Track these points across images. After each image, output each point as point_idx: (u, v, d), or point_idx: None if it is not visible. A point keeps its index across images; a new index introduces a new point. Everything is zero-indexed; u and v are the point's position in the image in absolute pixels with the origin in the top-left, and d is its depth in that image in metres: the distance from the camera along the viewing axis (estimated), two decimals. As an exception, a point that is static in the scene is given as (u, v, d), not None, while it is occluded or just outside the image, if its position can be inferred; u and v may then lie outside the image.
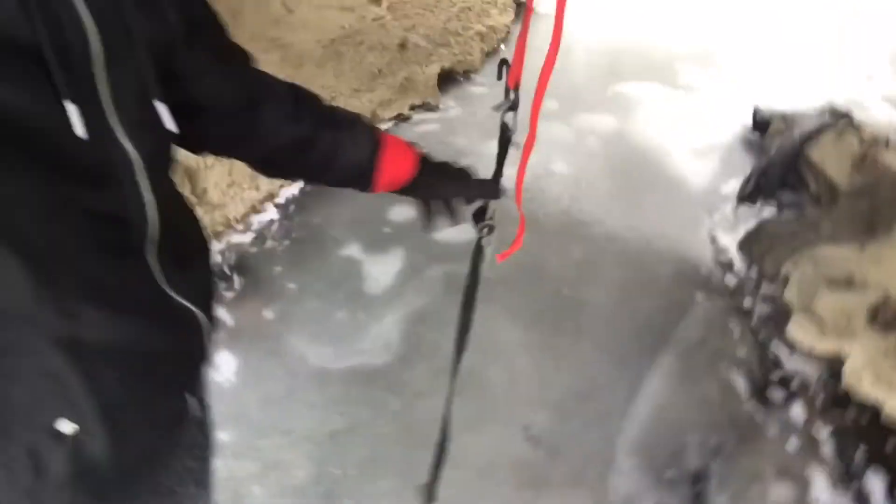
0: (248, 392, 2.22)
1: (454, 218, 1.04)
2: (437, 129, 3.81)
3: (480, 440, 2.12)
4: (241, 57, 0.87)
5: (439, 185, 1.00)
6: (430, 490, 1.47)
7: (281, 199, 3.19)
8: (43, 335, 0.61)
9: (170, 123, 0.67)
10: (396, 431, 2.14)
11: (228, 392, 2.19)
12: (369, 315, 2.61)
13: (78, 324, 0.63)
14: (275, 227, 3.04)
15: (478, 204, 1.04)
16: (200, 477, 1.03)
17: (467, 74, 4.33)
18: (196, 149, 0.90)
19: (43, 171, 0.57)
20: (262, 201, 3.13)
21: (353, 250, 2.94)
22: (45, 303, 0.60)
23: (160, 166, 0.70)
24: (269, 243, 2.94)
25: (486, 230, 1.04)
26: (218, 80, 0.82)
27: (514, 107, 0.93)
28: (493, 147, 1.01)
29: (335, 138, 0.90)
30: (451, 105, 4.08)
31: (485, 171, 1.06)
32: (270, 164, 0.93)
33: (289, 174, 0.96)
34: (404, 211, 3.12)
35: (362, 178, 0.94)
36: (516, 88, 0.93)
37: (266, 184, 3.16)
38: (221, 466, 1.27)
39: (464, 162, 1.04)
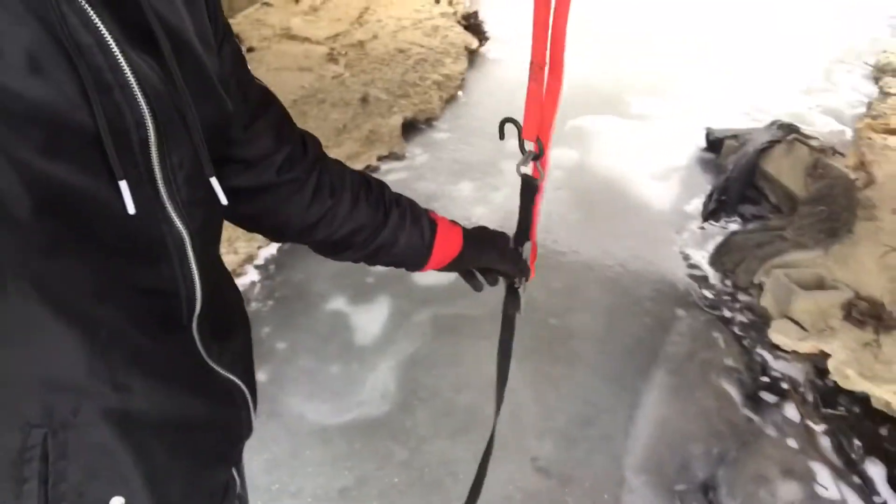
0: (251, 457, 2.17)
1: (492, 282, 1.09)
2: (406, 177, 3.88)
3: (492, 476, 2.10)
4: (311, 143, 0.89)
5: (479, 258, 1.04)
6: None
7: (260, 261, 3.20)
8: (95, 408, 0.62)
9: (223, 198, 0.68)
10: (406, 480, 2.13)
11: (231, 459, 2.16)
12: (363, 366, 2.61)
13: (129, 396, 0.64)
14: (257, 288, 3.04)
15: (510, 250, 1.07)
16: None
17: (429, 122, 4.45)
18: (277, 236, 0.94)
19: (96, 248, 0.58)
20: (242, 264, 3.13)
21: (338, 303, 2.95)
22: (98, 375, 0.61)
23: (209, 241, 0.72)
24: (254, 305, 2.93)
25: (522, 278, 1.07)
26: (291, 166, 0.84)
27: (537, 157, 0.94)
28: (461, 188, 1.06)
29: (400, 223, 0.95)
30: (416, 152, 4.17)
31: (454, 211, 1.11)
32: (338, 248, 0.95)
33: (351, 257, 0.97)
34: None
35: (418, 259, 0.99)
36: (537, 140, 0.94)
37: (244, 246, 3.17)
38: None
39: (434, 205, 1.08)
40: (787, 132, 3.67)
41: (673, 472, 2.13)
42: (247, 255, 3.16)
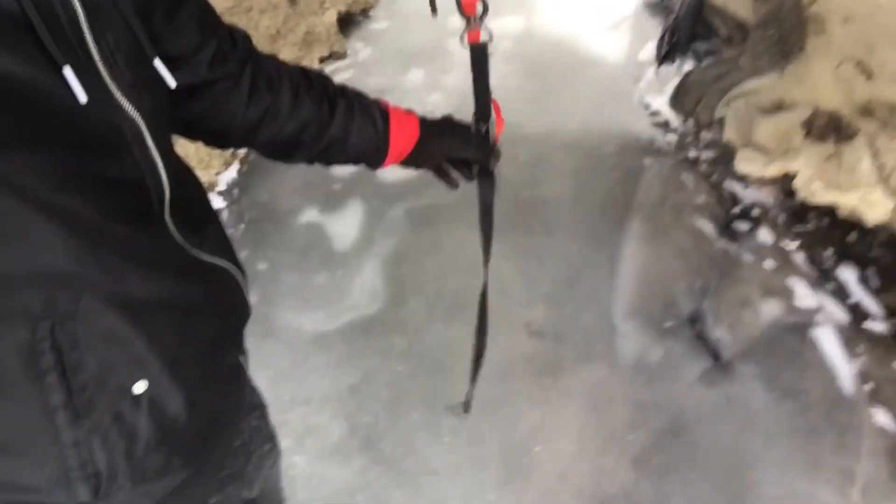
0: (256, 377, 2.21)
1: (468, 176, 1.04)
2: (353, 75, 3.75)
3: (491, 350, 2.18)
4: (240, 36, 0.85)
5: (441, 145, 1.00)
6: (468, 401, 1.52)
7: (222, 186, 3.12)
8: (95, 296, 0.62)
9: (170, 80, 0.67)
10: (410, 367, 2.20)
11: (238, 381, 2.21)
12: (347, 270, 2.62)
13: (125, 282, 0.64)
14: (225, 214, 2.99)
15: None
16: (268, 433, 1.07)
17: (365, 13, 4.24)
18: (222, 142, 0.90)
19: (53, 140, 0.57)
20: (205, 194, 3.07)
21: (310, 215, 2.92)
22: (88, 264, 0.61)
23: (162, 128, 0.70)
24: (226, 232, 2.90)
25: (494, 155, 1.03)
26: (223, 60, 0.81)
27: (481, 16, 0.87)
28: (411, 77, 0.98)
29: (348, 114, 0.91)
30: (358, 47, 4.01)
31: (409, 102, 1.04)
32: (288, 148, 0.92)
33: (304, 157, 0.94)
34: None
35: (376, 152, 0.96)
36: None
37: (202, 175, 3.08)
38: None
39: (388, 98, 1.02)
40: (731, -42, 3.55)
41: (660, 311, 2.23)
42: (207, 182, 3.08)
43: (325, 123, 0.90)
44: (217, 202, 3.03)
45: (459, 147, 1.00)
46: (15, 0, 0.52)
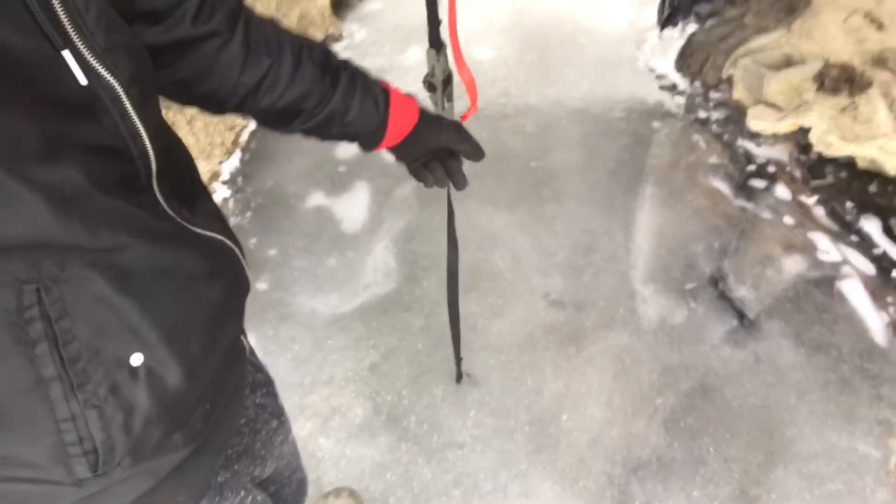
0: (276, 362, 2.21)
1: (441, 178, 1.01)
2: (350, 57, 3.67)
3: (511, 322, 2.18)
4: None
5: (438, 132, 0.98)
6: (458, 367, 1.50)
7: (226, 176, 3.08)
8: (82, 261, 0.59)
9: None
10: (429, 343, 2.18)
11: (256, 367, 2.18)
12: (359, 252, 2.59)
13: (114, 249, 0.61)
14: (231, 203, 2.95)
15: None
16: (275, 410, 1.04)
17: (358, -6, 4.18)
18: (218, 106, 0.86)
19: (28, 105, 0.54)
20: (208, 183, 3.02)
21: (317, 199, 2.88)
22: (75, 233, 0.58)
23: (146, 94, 0.66)
24: (233, 220, 2.86)
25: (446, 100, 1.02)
26: (210, 16, 0.77)
27: None
28: (410, 56, 0.98)
29: (349, 88, 0.88)
30: (353, 29, 3.95)
31: (411, 82, 1.02)
32: (286, 116, 0.89)
33: (301, 127, 0.91)
34: (351, 146, 3.07)
35: (374, 129, 0.92)
36: None
37: (205, 165, 3.04)
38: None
39: (388, 78, 0.99)
40: (729, -85, 3.48)
41: (680, 273, 2.19)
42: (210, 172, 3.04)
43: (326, 95, 0.87)
44: (222, 191, 2.99)
45: (455, 139, 0.98)
46: None
